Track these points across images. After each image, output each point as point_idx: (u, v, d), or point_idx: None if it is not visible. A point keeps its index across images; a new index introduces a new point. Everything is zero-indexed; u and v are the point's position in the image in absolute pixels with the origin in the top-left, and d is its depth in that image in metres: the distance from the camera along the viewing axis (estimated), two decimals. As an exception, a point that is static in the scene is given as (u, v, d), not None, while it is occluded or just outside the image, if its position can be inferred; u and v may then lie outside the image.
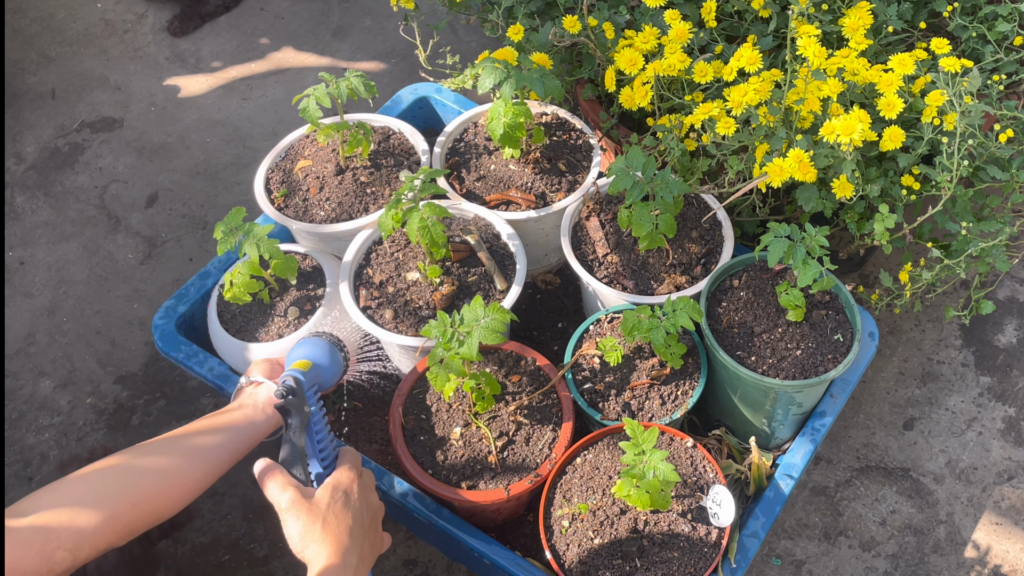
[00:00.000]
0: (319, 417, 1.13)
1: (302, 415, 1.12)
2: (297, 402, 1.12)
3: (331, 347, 1.28)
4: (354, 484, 1.07)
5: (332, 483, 1.06)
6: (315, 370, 1.20)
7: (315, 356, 1.24)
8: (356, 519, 1.04)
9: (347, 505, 1.04)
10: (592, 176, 1.52)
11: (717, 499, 1.19)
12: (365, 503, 1.07)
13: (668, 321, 1.26)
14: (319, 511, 1.02)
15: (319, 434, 1.12)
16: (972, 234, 1.38)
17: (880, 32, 1.52)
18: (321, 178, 1.51)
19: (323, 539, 1.00)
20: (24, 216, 2.02)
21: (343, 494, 1.05)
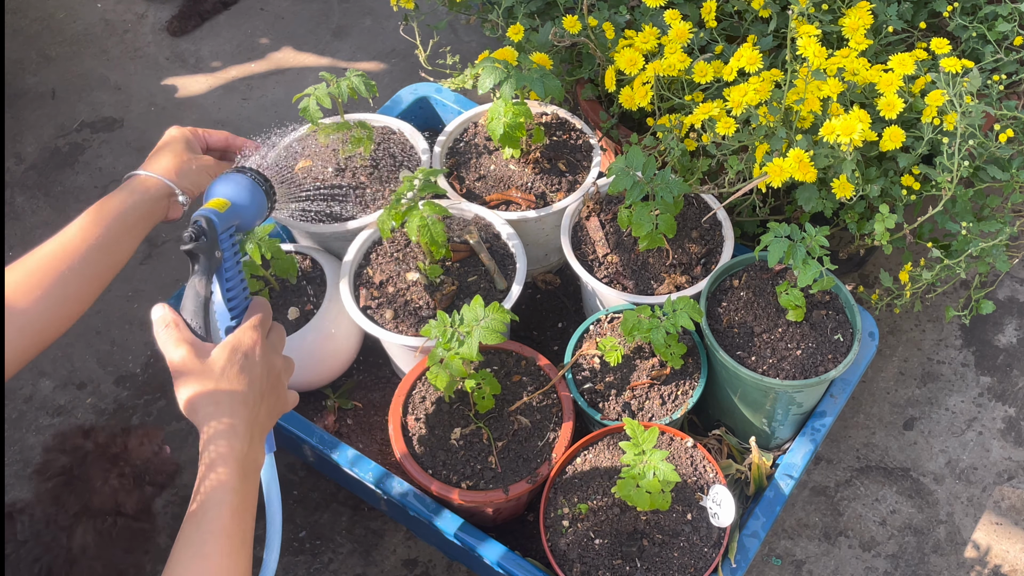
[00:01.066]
0: (233, 263, 1.04)
1: (212, 260, 1.02)
2: (207, 245, 1.01)
3: (252, 184, 1.15)
4: (256, 346, 0.98)
5: (232, 343, 0.98)
6: (233, 210, 1.08)
7: (234, 195, 1.12)
8: (252, 384, 0.96)
9: (244, 368, 0.96)
10: (592, 176, 1.52)
11: (717, 499, 1.19)
12: (267, 365, 0.99)
13: (668, 321, 1.26)
14: (212, 374, 0.94)
15: (230, 282, 1.03)
16: (972, 234, 1.38)
17: (880, 32, 1.51)
18: (321, 178, 1.51)
19: (213, 403, 0.93)
20: (24, 216, 2.01)
21: (242, 356, 0.97)
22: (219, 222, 1.03)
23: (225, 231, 1.04)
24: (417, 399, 1.35)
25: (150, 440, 1.31)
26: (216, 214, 1.04)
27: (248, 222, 1.14)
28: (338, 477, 1.56)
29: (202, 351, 0.96)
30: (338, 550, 1.55)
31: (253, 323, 1.00)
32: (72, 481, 1.24)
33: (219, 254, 1.02)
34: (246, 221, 1.13)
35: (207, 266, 1.01)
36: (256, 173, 1.17)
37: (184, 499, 1.61)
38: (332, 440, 1.36)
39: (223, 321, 1.02)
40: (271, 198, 1.18)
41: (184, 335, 0.97)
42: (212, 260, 1.01)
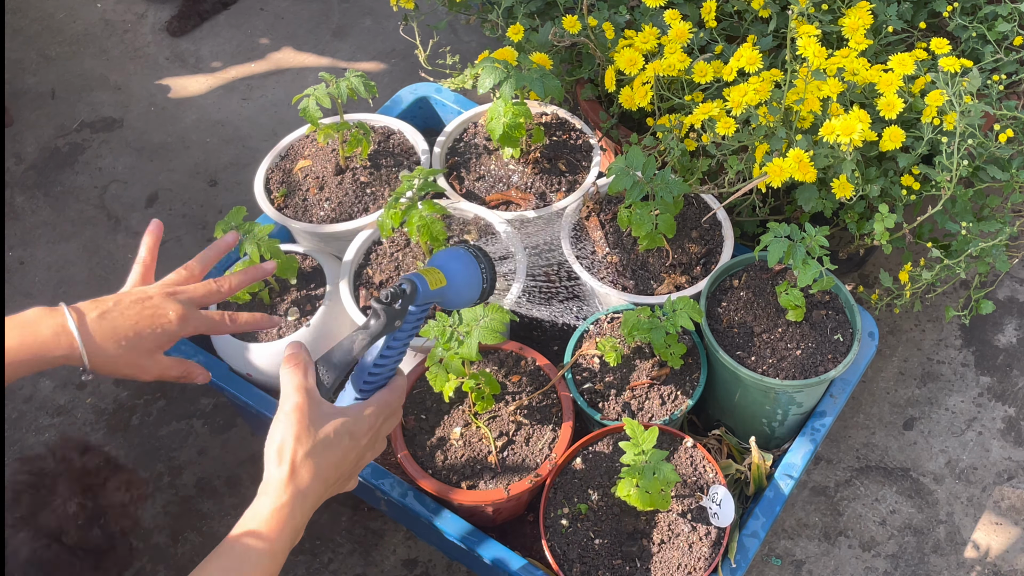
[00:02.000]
0: (404, 339, 0.95)
1: (388, 327, 0.92)
2: (394, 312, 0.92)
3: (478, 274, 1.04)
4: (365, 436, 0.94)
5: (348, 425, 0.92)
6: (442, 292, 1.00)
7: (455, 278, 1.01)
8: (340, 469, 0.93)
9: (343, 452, 0.92)
10: (592, 176, 1.52)
11: (717, 499, 1.19)
12: (361, 457, 0.95)
13: (668, 321, 1.26)
14: (312, 438, 0.90)
15: (388, 356, 0.95)
16: (972, 234, 1.38)
17: (880, 32, 1.52)
18: (321, 178, 1.51)
19: (292, 468, 0.89)
20: (24, 216, 2.02)
21: (348, 438, 0.92)
22: (421, 296, 0.95)
23: (422, 307, 0.96)
24: (417, 399, 1.35)
25: (130, 489, 1.27)
26: (426, 287, 0.95)
27: (450, 304, 1.06)
28: (338, 477, 1.56)
29: (316, 405, 0.91)
30: (338, 550, 1.55)
31: (378, 407, 0.96)
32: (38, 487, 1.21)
33: (399, 323, 0.94)
34: (448, 304, 1.05)
35: (377, 331, 0.93)
36: (488, 264, 1.07)
37: (184, 498, 1.61)
38: (332, 440, 1.36)
39: (354, 384, 0.95)
40: (485, 295, 1.09)
41: (309, 382, 0.92)
42: (388, 327, 0.93)
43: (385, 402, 0.97)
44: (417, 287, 0.94)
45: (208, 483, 1.63)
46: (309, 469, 0.89)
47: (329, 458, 0.91)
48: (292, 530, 0.89)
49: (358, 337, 0.92)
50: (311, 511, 0.91)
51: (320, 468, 0.90)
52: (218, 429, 1.69)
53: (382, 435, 0.98)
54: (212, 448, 1.67)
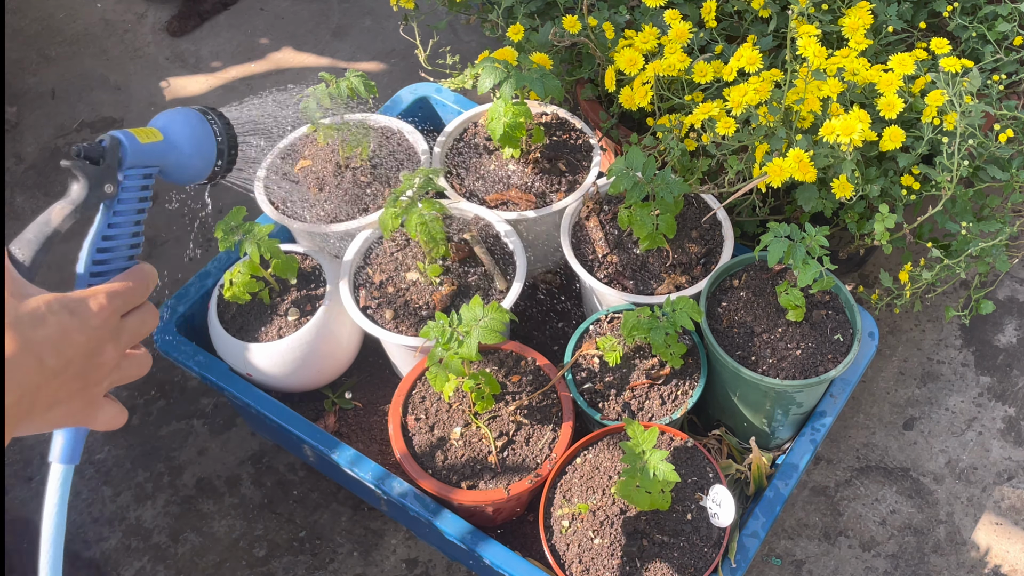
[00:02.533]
0: (130, 211, 0.83)
1: (96, 192, 0.80)
2: (97, 172, 0.80)
3: (206, 130, 0.92)
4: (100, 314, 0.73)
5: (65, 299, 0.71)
6: (161, 148, 0.87)
7: (175, 133, 0.89)
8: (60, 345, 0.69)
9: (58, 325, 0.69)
10: (592, 176, 1.52)
11: (717, 499, 1.19)
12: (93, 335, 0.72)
13: (668, 321, 1.26)
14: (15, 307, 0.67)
15: (113, 230, 0.82)
16: (972, 234, 1.38)
17: (880, 32, 1.51)
18: (321, 178, 1.51)
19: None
20: (24, 216, 2.01)
21: (68, 313, 0.70)
22: (130, 152, 0.82)
23: (136, 167, 0.83)
24: (417, 399, 1.35)
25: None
26: (133, 142, 0.83)
27: (179, 171, 0.91)
28: (338, 477, 1.56)
29: (15, 279, 0.70)
30: (338, 550, 1.55)
31: (111, 289, 0.75)
32: None
33: (111, 189, 0.81)
34: (176, 169, 0.90)
35: (82, 198, 0.80)
36: (218, 119, 0.95)
37: (184, 498, 1.61)
38: (332, 440, 1.36)
39: (80, 274, 0.81)
40: (222, 157, 0.94)
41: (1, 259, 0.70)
42: (96, 192, 0.80)
43: (123, 285, 0.77)
44: (122, 141, 0.81)
45: (208, 483, 1.63)
46: (14, 340, 0.66)
47: (44, 333, 0.68)
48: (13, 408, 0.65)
49: (56, 205, 0.79)
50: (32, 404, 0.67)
51: (31, 340, 0.67)
52: (218, 429, 1.69)
53: (128, 330, 0.76)
54: (212, 448, 1.67)
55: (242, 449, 1.66)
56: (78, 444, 0.80)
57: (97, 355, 0.72)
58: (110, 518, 1.59)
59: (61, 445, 0.79)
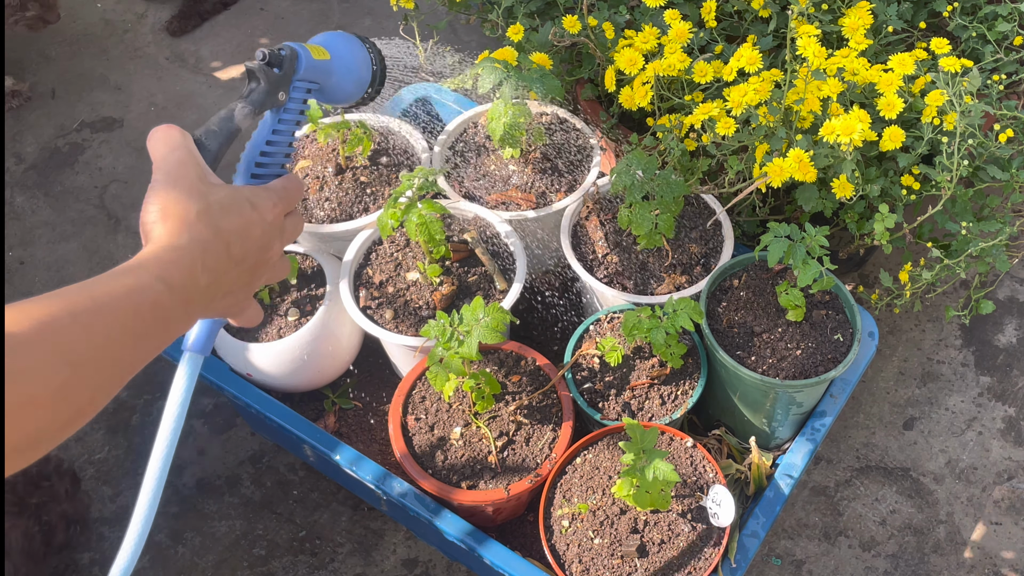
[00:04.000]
0: (291, 120, 0.88)
1: (271, 97, 0.85)
2: (276, 78, 0.84)
3: (365, 56, 0.97)
4: (273, 209, 0.78)
5: (246, 192, 0.77)
6: (327, 66, 0.92)
7: (339, 53, 0.93)
8: (243, 233, 0.73)
9: (242, 214, 0.74)
10: (592, 176, 1.51)
11: (717, 499, 1.19)
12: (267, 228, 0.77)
13: (668, 321, 1.26)
14: (203, 199, 0.71)
15: (277, 136, 0.87)
16: (972, 234, 1.38)
17: (880, 32, 1.51)
18: (321, 178, 1.51)
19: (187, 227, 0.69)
20: (24, 216, 2.02)
21: (249, 205, 0.75)
22: (304, 64, 0.87)
23: (304, 80, 0.88)
24: (417, 399, 1.35)
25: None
26: (308, 56, 0.87)
27: (336, 91, 0.97)
28: (338, 477, 1.56)
29: (200, 167, 0.74)
30: (338, 550, 1.55)
31: (279, 190, 0.80)
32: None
33: (283, 97, 0.86)
34: (334, 89, 0.96)
35: (261, 100, 0.84)
36: (374, 48, 0.99)
37: (184, 498, 1.61)
38: (332, 440, 1.36)
39: (241, 172, 0.85)
40: (375, 83, 1.00)
41: (186, 141, 0.75)
42: (271, 98, 0.85)
43: (284, 188, 0.81)
44: (299, 53, 0.87)
45: (208, 483, 1.63)
46: (206, 224, 0.70)
47: (231, 221, 0.72)
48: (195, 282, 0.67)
49: (238, 104, 0.83)
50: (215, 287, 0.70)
51: (220, 228, 0.71)
52: (218, 429, 1.69)
53: (287, 231, 0.81)
54: (212, 448, 1.67)
55: (242, 449, 1.66)
56: (212, 337, 0.83)
57: (267, 249, 0.77)
58: (110, 518, 1.59)
59: (196, 336, 0.82)
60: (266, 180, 0.85)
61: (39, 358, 0.55)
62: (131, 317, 0.62)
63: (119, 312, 0.61)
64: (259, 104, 0.85)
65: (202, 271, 0.68)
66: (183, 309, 0.67)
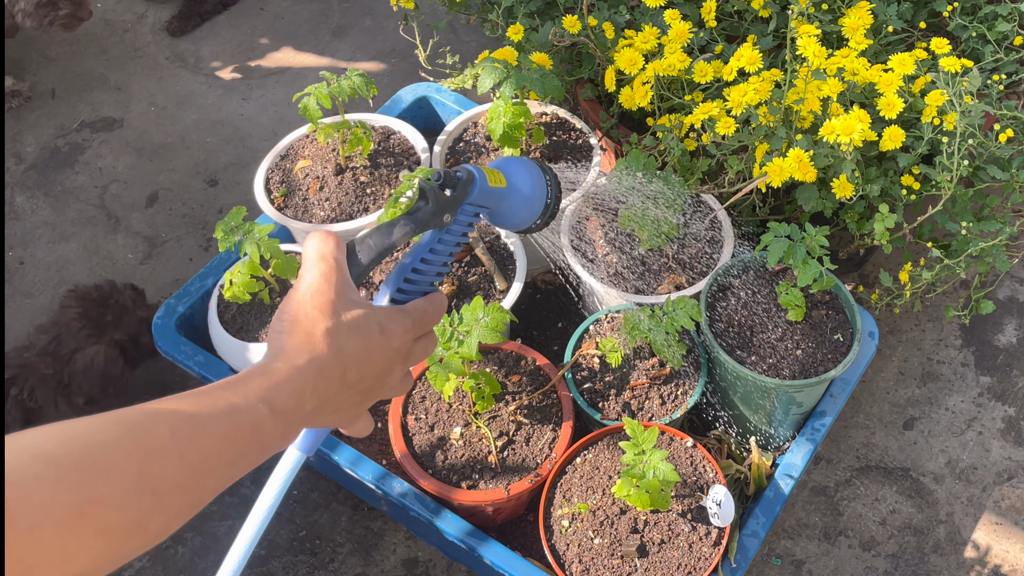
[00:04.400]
0: (452, 242, 0.84)
1: (435, 218, 0.81)
2: (445, 200, 0.81)
3: (544, 187, 0.92)
4: (403, 336, 0.76)
5: (380, 316, 0.74)
6: (501, 194, 0.88)
7: (517, 182, 0.89)
8: (364, 358, 0.72)
9: (369, 338, 0.72)
10: (592, 176, 1.51)
11: (717, 499, 1.19)
12: (387, 364, 0.75)
13: (668, 321, 1.26)
14: (335, 317, 0.70)
15: (434, 256, 0.83)
16: (972, 234, 1.38)
17: (880, 32, 1.51)
18: (321, 178, 1.51)
19: (309, 344, 0.68)
20: (24, 216, 2.01)
21: (379, 329, 0.73)
22: (478, 190, 0.84)
23: (475, 204, 0.85)
24: (417, 399, 1.35)
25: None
26: (484, 182, 0.84)
27: (504, 217, 0.93)
28: (338, 477, 1.56)
29: (344, 282, 0.72)
30: (338, 550, 1.55)
31: (416, 315, 0.78)
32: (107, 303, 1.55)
33: (448, 219, 0.83)
34: (503, 215, 0.92)
35: (425, 220, 0.81)
36: (553, 180, 0.95)
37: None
38: (332, 440, 1.36)
39: (386, 288, 0.81)
40: (545, 214, 0.95)
41: (338, 253, 0.73)
42: (436, 219, 0.81)
43: (423, 311, 0.79)
44: (475, 177, 0.83)
45: (208, 483, 1.63)
46: (328, 344, 0.69)
47: (354, 345, 0.71)
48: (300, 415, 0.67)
49: (400, 221, 0.80)
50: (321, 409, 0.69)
51: (342, 351, 0.70)
52: (218, 429, 1.69)
53: (415, 355, 0.79)
54: (212, 448, 1.67)
55: (242, 449, 1.66)
56: (319, 439, 0.82)
57: (387, 375, 0.75)
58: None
59: (304, 435, 0.81)
60: (411, 297, 0.82)
61: (125, 487, 0.54)
62: (228, 441, 0.61)
63: (216, 436, 0.61)
64: (423, 224, 0.82)
65: (311, 394, 0.68)
66: (282, 433, 0.66)
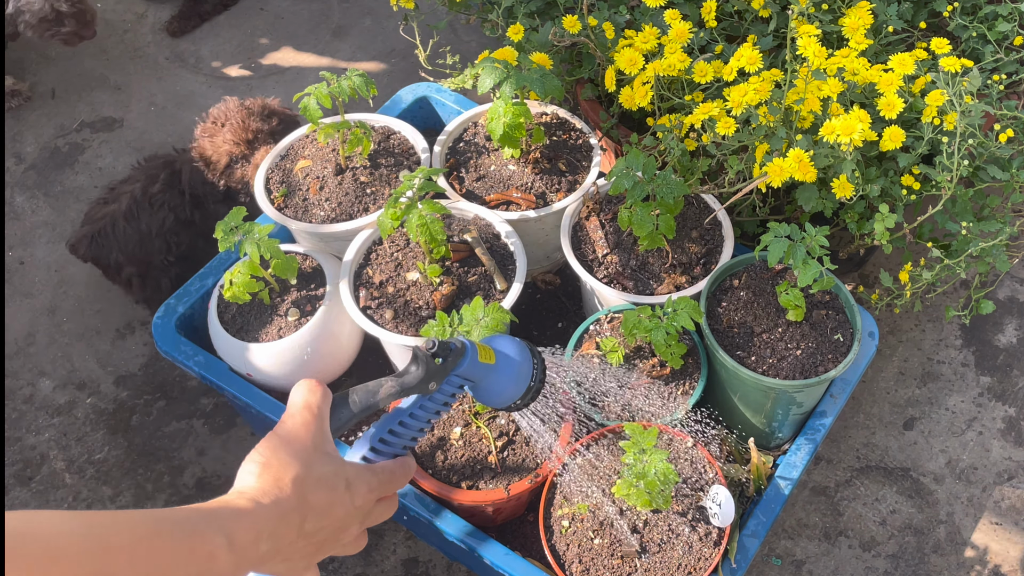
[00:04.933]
0: (433, 411, 0.89)
1: (421, 385, 0.86)
2: (435, 368, 0.85)
3: (527, 370, 0.96)
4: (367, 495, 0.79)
5: (349, 474, 0.78)
6: (489, 370, 0.92)
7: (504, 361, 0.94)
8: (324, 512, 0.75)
9: (334, 492, 0.76)
10: (592, 176, 1.51)
11: (717, 499, 1.19)
12: (350, 512, 0.78)
13: (668, 321, 1.26)
14: (306, 467, 0.74)
15: (412, 421, 0.88)
16: (972, 234, 1.38)
17: (880, 32, 1.51)
18: (321, 178, 1.51)
19: (277, 488, 0.72)
20: (24, 216, 2.01)
21: (345, 486, 0.77)
22: (468, 364, 0.88)
23: (464, 377, 0.89)
24: (417, 399, 1.35)
25: None
26: (474, 356, 0.88)
27: (487, 393, 0.96)
28: (338, 477, 1.56)
29: (321, 434, 0.77)
30: (338, 550, 1.55)
31: (383, 476, 0.82)
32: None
33: (433, 387, 0.87)
34: (486, 391, 0.95)
35: (412, 385, 0.85)
36: (540, 364, 0.98)
37: (184, 498, 1.61)
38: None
39: (361, 445, 0.85)
40: (526, 397, 0.98)
41: (322, 404, 0.78)
42: (422, 385, 0.86)
43: (391, 473, 0.83)
44: (467, 348, 0.88)
45: (208, 483, 1.63)
46: (294, 491, 0.72)
47: (319, 497, 0.74)
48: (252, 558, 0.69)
49: (387, 382, 0.85)
50: (274, 555, 0.71)
51: (306, 501, 0.73)
52: (218, 429, 1.69)
53: (374, 516, 0.83)
54: (212, 448, 1.67)
55: (242, 449, 1.66)
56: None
57: (343, 531, 0.78)
58: (110, 518, 1.59)
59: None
60: (383, 457, 0.86)
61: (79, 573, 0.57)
62: (182, 557, 0.64)
63: (170, 552, 0.64)
64: (409, 388, 0.85)
65: (268, 537, 0.70)
66: (234, 567, 0.68)
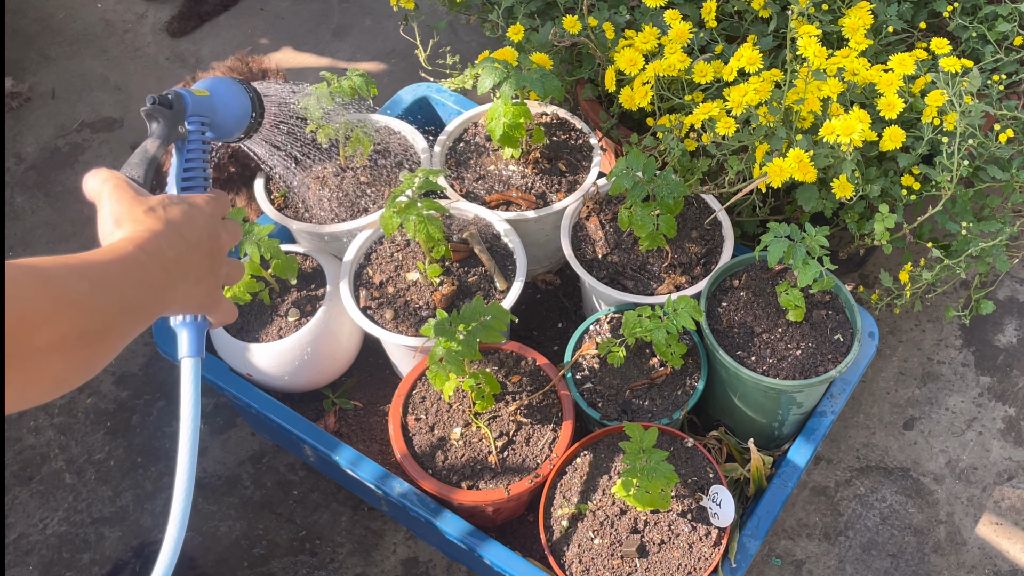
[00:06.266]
0: (198, 148, 1.02)
1: (172, 131, 0.99)
2: (170, 115, 0.99)
3: (240, 91, 1.15)
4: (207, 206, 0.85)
5: (181, 195, 0.86)
6: (209, 101, 1.07)
7: (216, 92, 1.11)
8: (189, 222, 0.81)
9: (182, 206, 0.81)
10: (592, 176, 1.51)
11: (717, 499, 1.19)
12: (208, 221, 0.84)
13: (668, 321, 1.26)
14: (146, 201, 0.80)
15: (191, 162, 1.00)
16: (972, 234, 1.38)
17: (880, 32, 1.52)
18: (321, 178, 1.51)
19: (140, 224, 0.77)
20: (24, 216, 2.01)
21: (186, 202, 0.83)
22: (190, 103, 1.03)
23: (195, 116, 1.03)
24: (417, 399, 1.35)
25: None
26: (191, 94, 1.04)
27: (224, 127, 1.13)
28: (338, 477, 1.56)
29: (137, 187, 0.82)
30: (338, 550, 1.55)
31: (208, 193, 0.90)
32: None
33: (183, 130, 1.01)
34: (222, 124, 1.12)
35: (165, 133, 0.98)
36: (250, 86, 1.17)
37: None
38: (332, 440, 1.36)
39: (169, 189, 0.98)
40: (255, 114, 1.17)
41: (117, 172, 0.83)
42: (172, 131, 0.99)
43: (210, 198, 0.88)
44: (183, 95, 1.03)
45: (208, 483, 1.63)
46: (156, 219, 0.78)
47: (174, 212, 0.80)
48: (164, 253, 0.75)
49: (149, 142, 0.97)
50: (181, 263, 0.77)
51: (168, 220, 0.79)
52: (218, 429, 1.69)
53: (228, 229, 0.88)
54: (212, 448, 1.67)
55: (242, 449, 1.66)
56: (201, 339, 0.92)
57: (216, 237, 0.84)
58: (110, 518, 1.59)
59: (187, 341, 0.91)
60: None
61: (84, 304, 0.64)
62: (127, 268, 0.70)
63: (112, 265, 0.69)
64: (164, 136, 0.99)
65: (167, 247, 0.76)
66: (163, 275, 0.75)
